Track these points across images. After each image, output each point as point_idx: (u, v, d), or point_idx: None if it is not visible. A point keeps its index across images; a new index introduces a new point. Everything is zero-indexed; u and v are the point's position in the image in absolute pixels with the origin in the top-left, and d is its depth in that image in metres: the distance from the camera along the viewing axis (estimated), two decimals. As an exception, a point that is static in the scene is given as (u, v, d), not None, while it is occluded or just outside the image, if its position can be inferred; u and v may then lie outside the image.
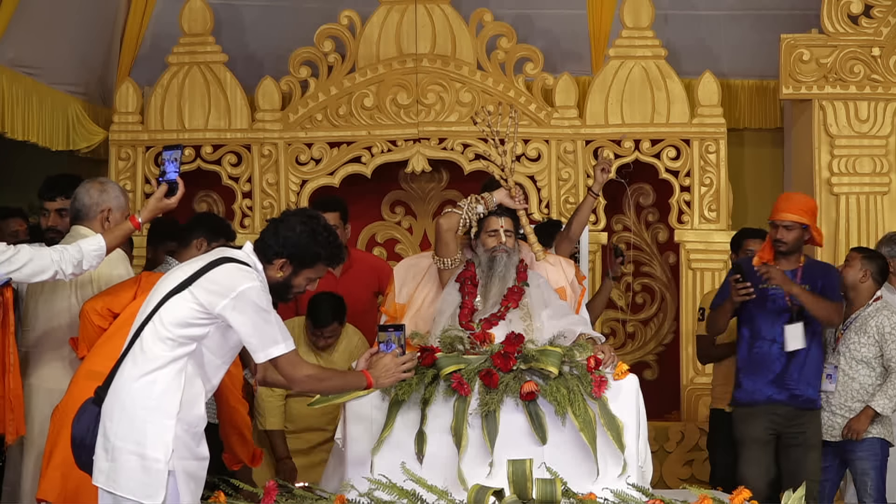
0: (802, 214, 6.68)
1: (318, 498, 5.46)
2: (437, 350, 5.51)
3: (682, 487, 7.63)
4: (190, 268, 4.61)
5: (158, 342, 4.51)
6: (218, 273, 4.55)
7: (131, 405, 4.47)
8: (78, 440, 4.57)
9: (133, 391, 4.48)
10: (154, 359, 4.50)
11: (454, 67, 8.62)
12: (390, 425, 5.43)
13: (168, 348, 4.51)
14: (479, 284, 5.98)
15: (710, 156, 8.54)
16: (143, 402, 4.47)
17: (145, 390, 4.48)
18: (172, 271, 4.69)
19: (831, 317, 6.69)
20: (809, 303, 6.61)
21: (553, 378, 5.39)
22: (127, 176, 8.65)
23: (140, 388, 4.48)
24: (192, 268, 4.60)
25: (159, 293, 4.59)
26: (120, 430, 4.47)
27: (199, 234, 6.18)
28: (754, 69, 9.11)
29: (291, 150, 8.64)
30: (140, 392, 4.48)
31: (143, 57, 9.08)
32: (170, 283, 4.60)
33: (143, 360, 4.50)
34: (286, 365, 4.62)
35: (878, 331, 6.74)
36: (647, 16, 8.62)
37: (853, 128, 8.40)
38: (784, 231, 6.68)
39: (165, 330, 4.51)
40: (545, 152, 8.58)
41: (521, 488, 5.18)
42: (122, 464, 4.46)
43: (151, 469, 4.45)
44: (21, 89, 7.65)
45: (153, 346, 4.51)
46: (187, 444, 4.53)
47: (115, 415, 4.49)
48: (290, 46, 8.78)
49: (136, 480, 4.45)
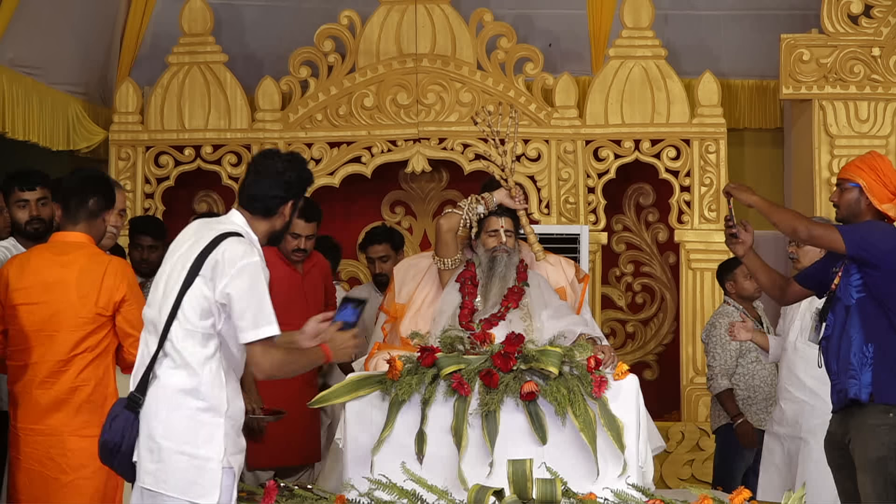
0: (857, 172, 5.46)
1: (318, 498, 5.46)
2: (437, 350, 5.51)
3: (682, 487, 7.65)
4: (189, 252, 4.51)
5: (188, 339, 4.44)
6: (222, 251, 4.46)
7: (177, 405, 4.42)
8: (111, 445, 4.48)
9: (177, 391, 4.43)
10: (191, 356, 4.44)
11: (454, 67, 8.63)
12: (390, 425, 5.43)
13: (200, 344, 4.45)
14: (479, 284, 5.98)
15: (710, 156, 8.55)
16: (191, 402, 4.43)
17: (191, 390, 4.43)
18: (170, 256, 4.58)
19: (792, 224, 5.42)
20: (767, 211, 5.47)
21: (553, 378, 5.39)
22: (127, 176, 8.65)
23: (185, 387, 4.43)
24: (191, 252, 4.50)
25: (172, 285, 4.50)
26: (168, 430, 4.42)
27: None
28: (754, 69, 9.12)
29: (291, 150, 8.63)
30: (186, 392, 4.43)
31: (143, 57, 9.09)
32: (176, 272, 4.51)
33: (181, 360, 4.44)
34: (263, 350, 4.49)
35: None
36: (647, 16, 8.62)
37: (853, 128, 8.40)
38: (837, 192, 5.52)
39: (190, 325, 4.44)
40: (545, 152, 8.58)
41: (521, 488, 5.18)
42: (171, 464, 4.41)
43: (205, 468, 4.42)
44: (21, 89, 7.64)
45: (185, 343, 4.44)
46: (234, 439, 4.50)
47: (162, 415, 4.43)
48: (290, 46, 8.78)
49: (188, 480, 4.41)
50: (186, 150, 8.67)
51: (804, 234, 5.45)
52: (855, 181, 5.42)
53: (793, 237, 5.73)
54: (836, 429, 5.45)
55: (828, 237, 5.36)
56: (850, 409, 5.36)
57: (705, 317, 8.43)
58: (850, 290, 5.38)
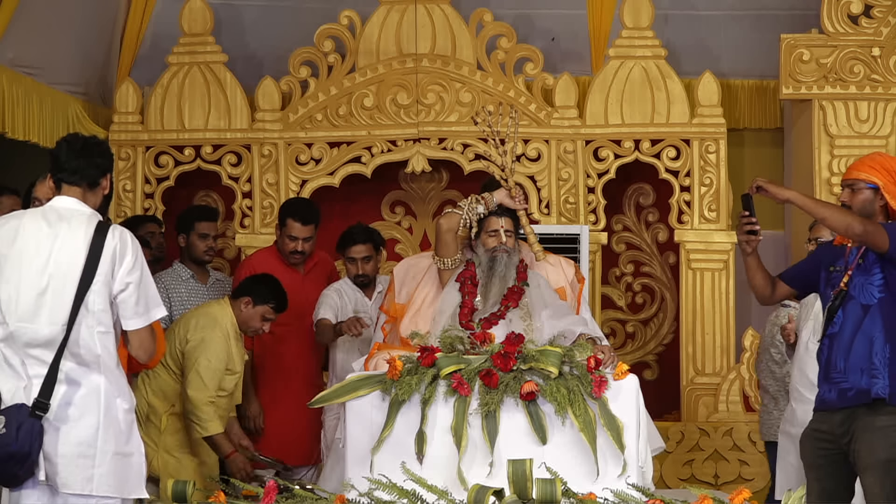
0: (870, 171, 5.35)
1: (318, 498, 5.46)
2: (437, 350, 5.51)
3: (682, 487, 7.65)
4: (73, 248, 4.46)
5: (100, 339, 4.45)
6: (105, 239, 4.46)
7: (107, 407, 4.45)
8: (20, 456, 4.36)
9: (100, 393, 4.45)
10: (105, 356, 4.47)
11: (454, 67, 8.62)
12: (390, 425, 5.44)
13: (109, 341, 4.48)
14: (479, 284, 5.99)
15: (710, 156, 8.54)
16: (116, 403, 4.47)
17: (111, 390, 4.47)
18: (21, 257, 4.48)
19: (846, 219, 5.23)
20: (811, 206, 5.33)
21: (553, 378, 5.40)
22: (127, 176, 8.65)
23: (106, 389, 4.46)
24: (76, 247, 4.45)
25: (65, 287, 4.44)
26: (101, 434, 4.44)
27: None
28: (754, 69, 9.10)
29: (291, 150, 8.64)
30: (109, 393, 4.46)
31: (143, 57, 9.08)
32: (61, 273, 4.46)
33: (93, 360, 4.46)
34: (148, 334, 4.52)
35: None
36: (647, 16, 8.62)
37: (853, 128, 8.40)
38: (848, 192, 5.37)
39: (99, 324, 4.46)
40: (545, 152, 8.58)
41: (521, 488, 5.19)
42: (110, 466, 4.45)
43: (131, 463, 4.52)
44: (21, 89, 7.64)
45: (91, 341, 4.45)
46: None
47: (90, 420, 4.44)
48: (290, 46, 8.77)
49: (122, 479, 4.48)
50: (186, 150, 8.66)
51: (860, 230, 5.22)
52: (872, 182, 5.32)
53: (846, 233, 5.32)
54: (834, 428, 5.37)
55: (877, 234, 5.24)
56: (856, 409, 5.32)
57: (705, 317, 8.43)
58: (872, 289, 5.31)
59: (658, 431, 6.06)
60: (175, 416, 6.65)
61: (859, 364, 5.30)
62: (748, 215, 5.40)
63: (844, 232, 5.28)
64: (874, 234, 5.24)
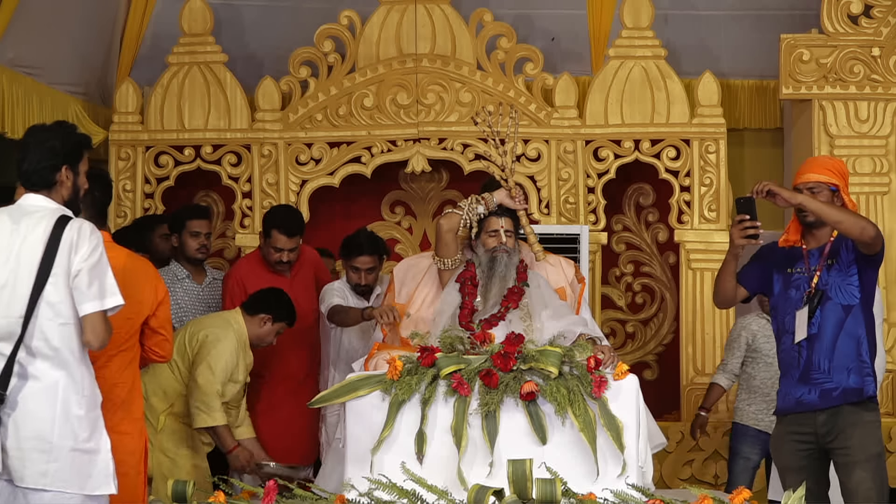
0: (829, 174, 5.45)
1: (318, 498, 5.46)
2: (437, 350, 5.51)
3: (682, 487, 7.65)
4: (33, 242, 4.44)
5: (54, 329, 4.43)
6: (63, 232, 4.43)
7: (63, 401, 4.43)
8: None
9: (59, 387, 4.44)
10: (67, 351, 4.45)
11: (454, 67, 8.62)
12: (390, 425, 5.43)
13: (73, 336, 4.45)
14: (479, 285, 5.99)
15: (709, 156, 8.55)
16: (73, 397, 4.45)
17: (70, 385, 4.45)
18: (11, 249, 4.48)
19: (860, 222, 5.29)
20: (821, 210, 5.31)
21: (553, 378, 5.39)
22: (127, 176, 8.65)
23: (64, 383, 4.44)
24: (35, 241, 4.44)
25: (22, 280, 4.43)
26: (57, 428, 4.42)
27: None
28: (754, 69, 9.11)
29: (291, 150, 8.64)
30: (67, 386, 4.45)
31: (143, 57, 9.08)
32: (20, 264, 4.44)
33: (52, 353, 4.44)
34: (101, 320, 4.47)
35: None
36: (647, 16, 8.62)
37: (853, 128, 8.40)
38: (808, 195, 5.43)
39: (57, 316, 4.44)
40: (545, 152, 8.58)
41: (521, 488, 5.18)
42: (68, 461, 4.44)
43: (96, 460, 4.50)
44: (21, 89, 7.65)
45: (49, 333, 4.43)
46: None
47: (46, 413, 4.41)
48: (290, 46, 8.78)
49: (85, 475, 4.47)
50: (186, 150, 8.67)
51: (874, 233, 5.28)
52: (832, 184, 5.43)
53: (860, 236, 5.30)
54: (817, 428, 5.40)
55: (879, 237, 5.34)
56: (840, 408, 5.35)
57: (705, 317, 8.44)
58: (851, 289, 5.38)
59: (659, 428, 6.06)
60: (173, 416, 6.65)
61: (846, 364, 5.36)
62: (749, 219, 5.41)
63: (859, 235, 5.30)
64: (879, 237, 5.34)
